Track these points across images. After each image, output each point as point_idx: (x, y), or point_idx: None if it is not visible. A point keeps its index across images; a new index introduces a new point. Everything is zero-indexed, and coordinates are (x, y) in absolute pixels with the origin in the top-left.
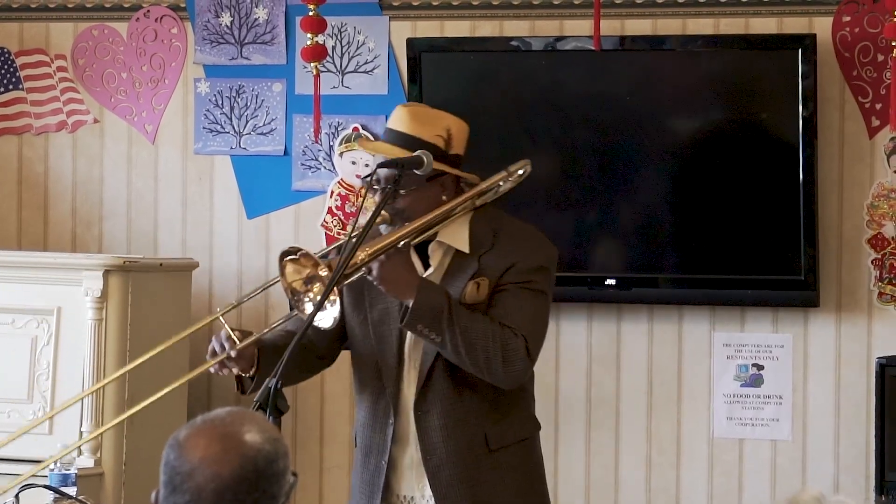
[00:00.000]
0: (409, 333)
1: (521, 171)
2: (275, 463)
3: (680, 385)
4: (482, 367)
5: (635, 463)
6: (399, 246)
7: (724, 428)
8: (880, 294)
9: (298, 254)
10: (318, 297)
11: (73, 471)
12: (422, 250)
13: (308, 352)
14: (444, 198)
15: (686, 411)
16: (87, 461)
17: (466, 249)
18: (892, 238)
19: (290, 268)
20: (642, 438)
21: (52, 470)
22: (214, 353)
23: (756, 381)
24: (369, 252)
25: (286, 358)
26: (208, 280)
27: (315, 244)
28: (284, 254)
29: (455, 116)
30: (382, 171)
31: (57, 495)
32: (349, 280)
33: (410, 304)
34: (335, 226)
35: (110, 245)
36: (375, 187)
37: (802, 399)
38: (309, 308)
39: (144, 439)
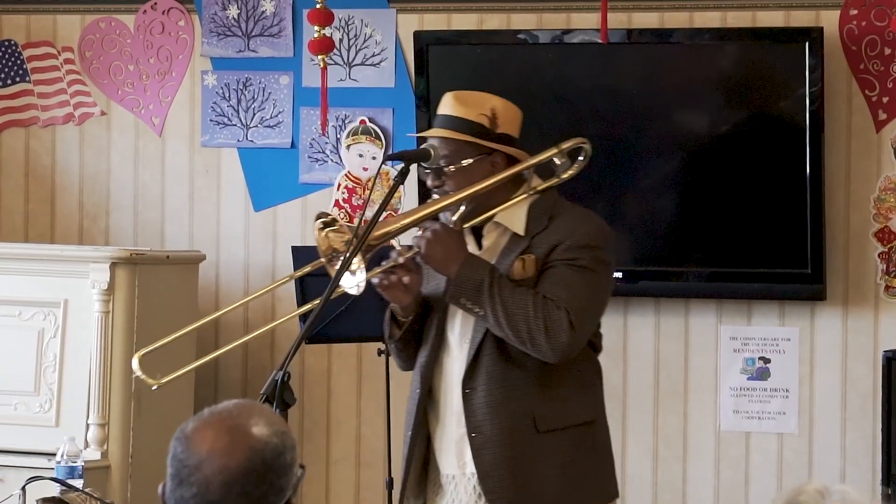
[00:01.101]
0: (454, 310)
1: (580, 156)
2: (282, 455)
3: (686, 378)
4: (525, 339)
5: (642, 456)
6: (449, 220)
7: (730, 421)
8: (887, 287)
9: (337, 224)
10: (358, 260)
11: (79, 463)
12: (478, 232)
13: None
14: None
15: (693, 404)
16: (93, 454)
17: (522, 232)
18: None
19: (331, 234)
20: (649, 431)
21: (59, 462)
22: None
23: (763, 375)
24: (409, 220)
25: (295, 347)
26: (215, 272)
27: None
28: (322, 220)
29: (503, 99)
30: (435, 148)
31: (64, 488)
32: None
33: (453, 278)
34: (342, 219)
35: (117, 237)
36: (427, 171)
37: (809, 392)
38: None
39: (151, 432)
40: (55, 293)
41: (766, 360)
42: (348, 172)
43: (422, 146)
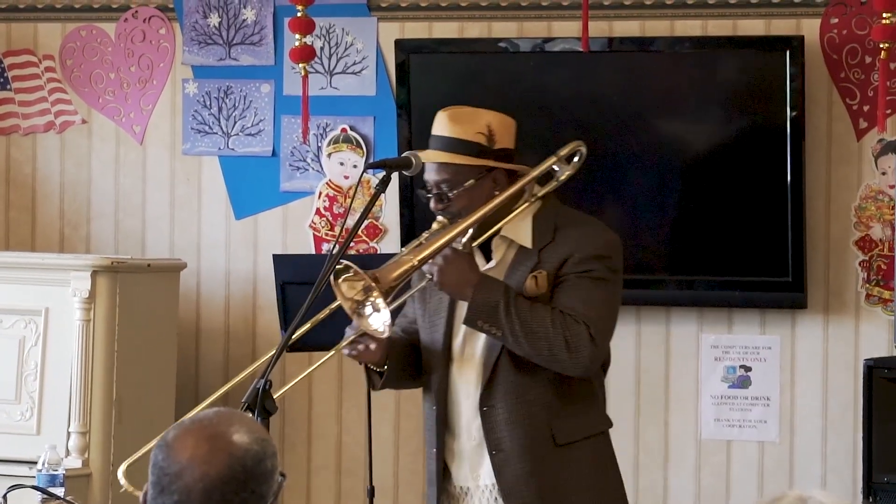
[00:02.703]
0: (460, 326)
1: (575, 157)
2: (263, 463)
3: (667, 386)
4: (546, 356)
5: (623, 464)
6: (458, 245)
7: (711, 429)
8: (868, 296)
9: (351, 270)
10: (382, 302)
11: (60, 471)
12: (485, 246)
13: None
14: (496, 193)
15: (673, 413)
16: (74, 462)
17: (529, 244)
18: (880, 240)
19: (344, 286)
20: (630, 440)
21: (41, 471)
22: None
23: (744, 383)
24: (423, 255)
25: (275, 359)
26: (196, 281)
27: (302, 245)
28: (337, 274)
29: (497, 112)
30: (431, 178)
31: (45, 496)
32: (412, 286)
33: (468, 302)
34: (323, 227)
35: (98, 246)
36: (429, 196)
37: (790, 400)
38: (368, 311)
39: (132, 440)
40: (36, 301)
41: (747, 369)
42: (329, 181)
43: (404, 154)
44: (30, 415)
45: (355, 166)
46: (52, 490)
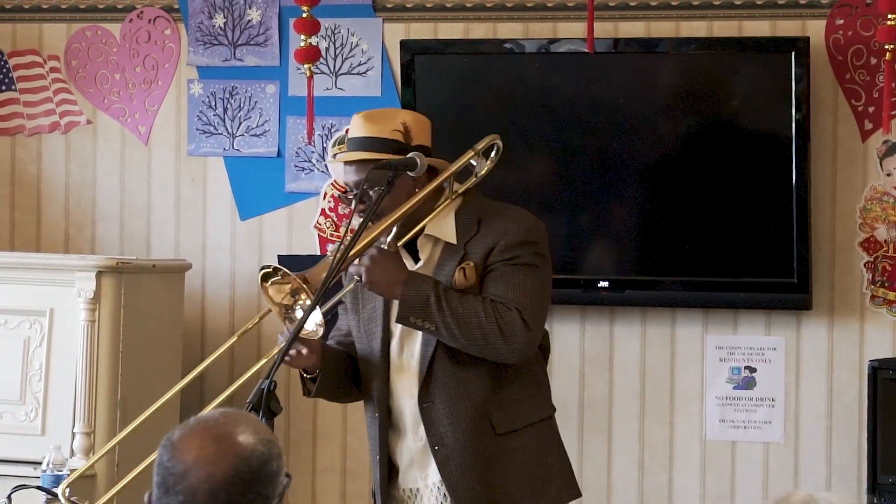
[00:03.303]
0: (395, 329)
1: (492, 151)
2: (268, 464)
3: (673, 387)
4: (481, 345)
5: (628, 465)
6: (381, 244)
7: (716, 430)
8: (872, 297)
9: (279, 273)
10: (308, 304)
11: (65, 472)
12: (412, 246)
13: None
14: (416, 190)
15: (679, 414)
16: (79, 462)
17: (453, 240)
18: (885, 241)
19: (272, 290)
20: (635, 441)
21: (45, 471)
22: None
23: (748, 384)
24: (350, 254)
25: (277, 362)
26: (201, 281)
27: (308, 246)
28: (264, 277)
29: (409, 111)
30: (351, 178)
31: (49, 496)
32: (331, 287)
33: (399, 300)
34: (328, 227)
35: (103, 246)
36: (350, 197)
37: (795, 401)
38: (299, 314)
39: (137, 440)
40: (41, 302)
41: (752, 370)
42: (334, 182)
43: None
44: (34, 415)
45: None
46: (56, 490)
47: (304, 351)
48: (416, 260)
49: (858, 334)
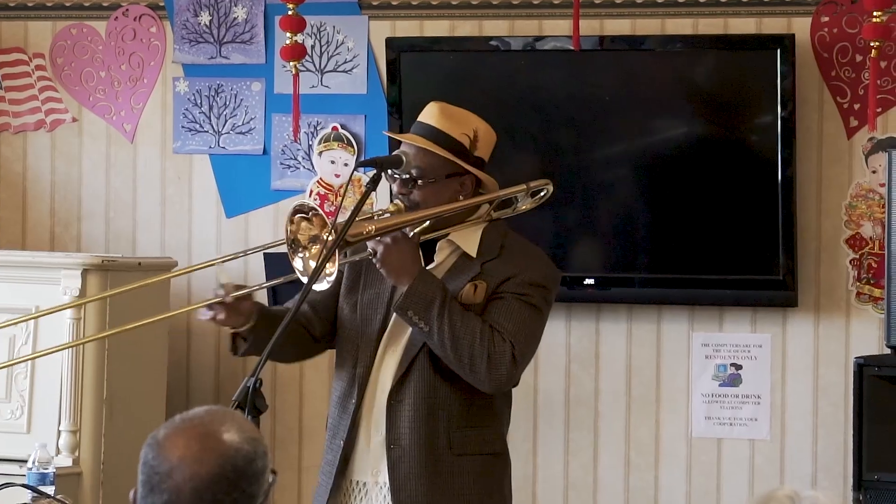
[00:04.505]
0: (392, 321)
1: (542, 192)
2: (254, 462)
3: (658, 385)
4: (466, 364)
5: (614, 463)
6: (408, 232)
7: (702, 428)
8: (858, 294)
9: (311, 213)
10: (318, 261)
11: (51, 470)
12: (429, 247)
13: (303, 329)
14: (461, 197)
15: (665, 411)
16: (65, 460)
17: (474, 253)
18: (871, 238)
19: (302, 223)
20: (621, 438)
21: (31, 469)
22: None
23: (734, 381)
24: (377, 227)
25: (276, 336)
26: (187, 279)
27: None
28: (299, 209)
29: (484, 121)
30: (406, 160)
31: (35, 494)
32: (350, 254)
33: (405, 290)
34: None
35: (89, 244)
36: (396, 176)
37: (781, 399)
38: (298, 265)
39: (122, 438)
40: (26, 300)
41: (738, 367)
42: (320, 179)
43: (395, 152)
44: (20, 413)
45: (346, 164)
46: (42, 489)
47: (221, 316)
48: (430, 261)
49: (844, 331)
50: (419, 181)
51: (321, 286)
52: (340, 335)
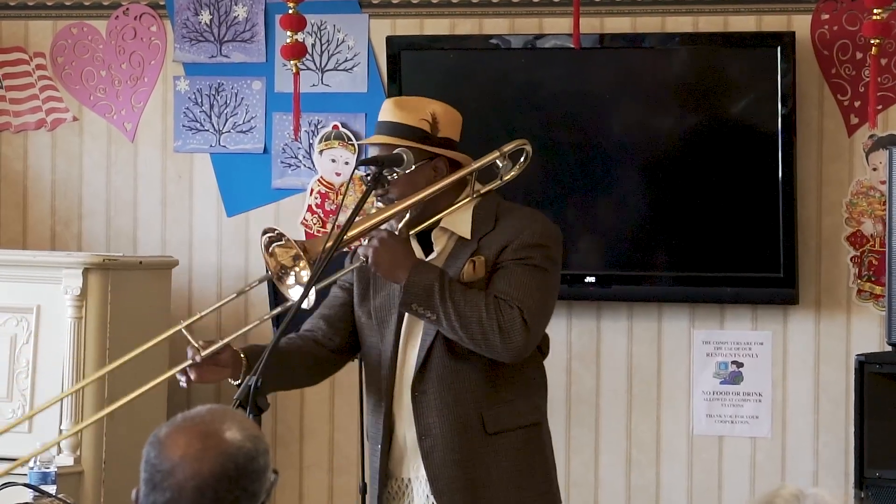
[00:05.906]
0: (405, 319)
1: (522, 156)
2: (255, 460)
3: (660, 382)
4: (480, 341)
5: (615, 460)
6: (395, 227)
7: (703, 425)
8: (859, 291)
9: (284, 239)
10: (306, 274)
11: (52, 469)
12: (426, 238)
13: (318, 346)
14: (435, 180)
15: (666, 409)
16: (66, 459)
17: (468, 234)
18: (871, 235)
19: (278, 249)
20: (622, 436)
21: (32, 468)
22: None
23: (735, 379)
24: (355, 231)
25: (269, 350)
26: (188, 278)
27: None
28: (273, 239)
29: (442, 102)
30: (408, 153)
31: (37, 493)
32: (348, 264)
33: (403, 285)
34: (315, 223)
35: (90, 243)
36: (368, 179)
37: (782, 396)
38: (290, 282)
39: (124, 437)
40: (28, 299)
41: (739, 364)
42: (321, 177)
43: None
44: (21, 412)
45: (347, 163)
46: (44, 488)
47: (193, 377)
48: (430, 251)
49: (845, 329)
50: (391, 177)
51: (296, 296)
52: (364, 343)
